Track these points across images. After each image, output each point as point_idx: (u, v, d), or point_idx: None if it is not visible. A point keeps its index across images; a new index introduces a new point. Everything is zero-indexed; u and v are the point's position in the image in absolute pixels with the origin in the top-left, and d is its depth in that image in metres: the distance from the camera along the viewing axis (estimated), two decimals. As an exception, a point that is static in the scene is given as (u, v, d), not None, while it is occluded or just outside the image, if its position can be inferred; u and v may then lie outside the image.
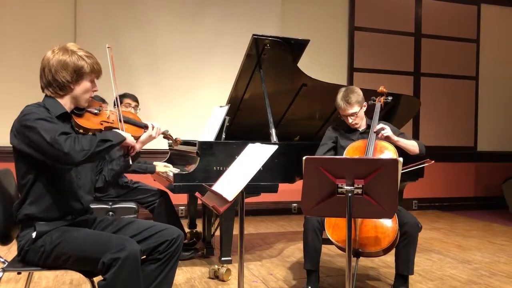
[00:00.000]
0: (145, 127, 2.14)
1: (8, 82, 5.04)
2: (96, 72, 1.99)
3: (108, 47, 2.06)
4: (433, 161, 2.64)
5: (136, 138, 2.08)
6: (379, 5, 6.44)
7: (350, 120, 3.00)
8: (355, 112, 2.96)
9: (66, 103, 1.95)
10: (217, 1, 5.68)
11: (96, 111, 2.02)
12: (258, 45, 3.49)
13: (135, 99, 3.69)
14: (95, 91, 2.02)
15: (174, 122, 5.03)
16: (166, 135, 2.42)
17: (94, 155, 1.78)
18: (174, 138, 2.48)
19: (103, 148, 1.81)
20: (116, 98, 2.07)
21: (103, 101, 3.03)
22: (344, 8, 6.32)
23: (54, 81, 1.90)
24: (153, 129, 2.13)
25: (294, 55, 3.65)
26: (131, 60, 5.39)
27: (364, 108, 3.03)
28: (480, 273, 3.45)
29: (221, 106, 3.63)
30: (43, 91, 1.96)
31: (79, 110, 1.98)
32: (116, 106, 2.12)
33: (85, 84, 1.95)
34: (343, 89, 3.03)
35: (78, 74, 1.92)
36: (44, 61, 1.92)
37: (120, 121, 2.04)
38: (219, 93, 4.89)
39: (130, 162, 2.10)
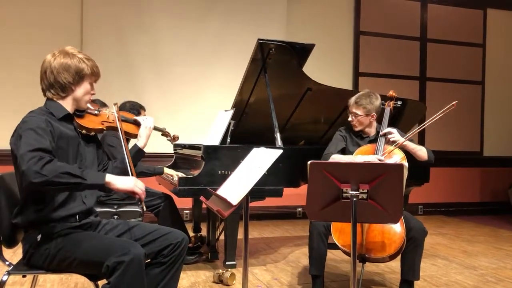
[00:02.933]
0: (138, 124, 2.23)
1: (16, 85, 5.07)
2: (95, 74, 2.03)
3: (115, 104, 2.15)
4: (456, 101, 2.60)
5: (135, 135, 2.19)
6: (384, 10, 6.44)
7: (349, 118, 3.06)
8: (357, 114, 2.99)
9: (67, 104, 1.99)
10: (222, 6, 5.70)
11: (96, 112, 2.11)
12: (263, 49, 3.49)
13: (142, 108, 3.69)
14: (93, 94, 2.06)
15: (179, 126, 5.02)
16: (164, 133, 2.58)
17: (51, 183, 1.68)
18: (172, 135, 2.71)
19: (66, 182, 1.70)
20: (115, 112, 2.12)
21: (104, 105, 3.08)
22: (349, 12, 6.33)
23: (56, 83, 1.94)
24: (144, 121, 2.22)
25: (299, 59, 3.65)
26: (136, 64, 5.42)
27: (372, 119, 3.02)
28: (487, 279, 3.42)
29: (226, 110, 3.64)
30: (44, 94, 2.00)
31: (79, 112, 2.05)
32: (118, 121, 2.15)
33: (85, 86, 2.00)
34: (366, 90, 3.08)
35: (79, 76, 1.96)
36: (45, 64, 1.96)
37: (119, 121, 2.11)
38: (224, 97, 4.90)
39: (145, 209, 2.07)
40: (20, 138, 1.77)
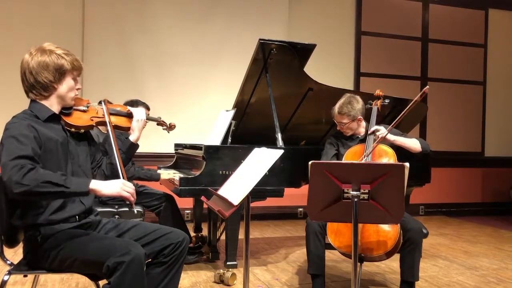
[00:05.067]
0: (129, 115, 2.18)
1: (17, 85, 5.06)
2: (77, 68, 1.97)
3: (102, 101, 2.09)
4: (428, 87, 2.60)
5: (128, 128, 2.15)
6: (386, 10, 6.43)
7: (338, 127, 3.09)
8: (344, 122, 3.01)
9: (52, 104, 1.94)
10: (224, 6, 5.70)
11: (84, 108, 2.04)
12: (264, 49, 3.49)
13: (147, 108, 3.67)
14: (79, 89, 2.01)
15: (181, 126, 5.02)
16: (159, 122, 2.52)
17: (33, 194, 1.66)
18: (168, 123, 2.59)
19: (48, 191, 1.68)
20: (104, 101, 2.09)
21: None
22: (351, 12, 6.32)
23: (37, 83, 1.89)
24: (137, 113, 2.18)
25: (300, 59, 3.65)
26: (138, 64, 5.42)
27: (360, 122, 3.04)
28: (488, 279, 3.41)
29: (227, 110, 3.64)
30: (27, 95, 1.95)
31: (67, 110, 1.99)
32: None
33: (68, 82, 1.94)
34: (347, 95, 3.06)
35: (60, 73, 1.91)
36: (23, 64, 1.90)
37: (108, 114, 2.06)
38: (226, 97, 4.90)
39: (135, 211, 2.04)
40: (2, 146, 1.74)
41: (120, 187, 1.82)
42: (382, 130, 2.85)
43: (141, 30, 5.44)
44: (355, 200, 1.93)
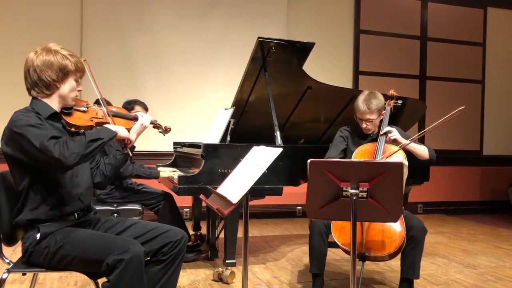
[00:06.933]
0: (134, 118, 2.21)
1: (16, 84, 5.05)
2: (80, 70, 2.01)
3: (84, 61, 2.12)
4: (464, 107, 2.63)
5: (128, 130, 2.15)
6: (385, 8, 6.43)
7: (364, 125, 2.94)
8: (373, 119, 2.91)
9: (53, 103, 1.96)
10: (223, 4, 5.70)
11: (84, 108, 2.08)
12: (263, 48, 3.49)
13: (145, 107, 3.66)
14: (80, 90, 2.04)
15: (179, 125, 5.03)
16: (155, 125, 2.60)
17: (86, 156, 1.79)
18: (163, 126, 2.73)
19: (94, 148, 1.81)
20: (100, 99, 2.13)
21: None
22: (349, 11, 6.32)
23: (40, 81, 1.92)
24: (143, 118, 2.21)
25: (299, 58, 3.65)
26: (136, 62, 5.42)
27: (382, 117, 2.97)
28: (486, 278, 3.42)
29: (226, 109, 3.64)
30: (29, 93, 1.98)
31: (67, 110, 2.02)
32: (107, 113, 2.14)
33: (70, 82, 1.97)
34: (366, 92, 2.96)
35: (63, 73, 1.94)
36: (28, 62, 1.93)
37: (109, 115, 2.10)
38: (224, 96, 4.89)
39: (130, 154, 2.12)
40: (19, 135, 1.76)
41: (128, 133, 2.07)
42: (395, 132, 2.84)
43: (139, 29, 5.43)
44: (354, 198, 1.94)
